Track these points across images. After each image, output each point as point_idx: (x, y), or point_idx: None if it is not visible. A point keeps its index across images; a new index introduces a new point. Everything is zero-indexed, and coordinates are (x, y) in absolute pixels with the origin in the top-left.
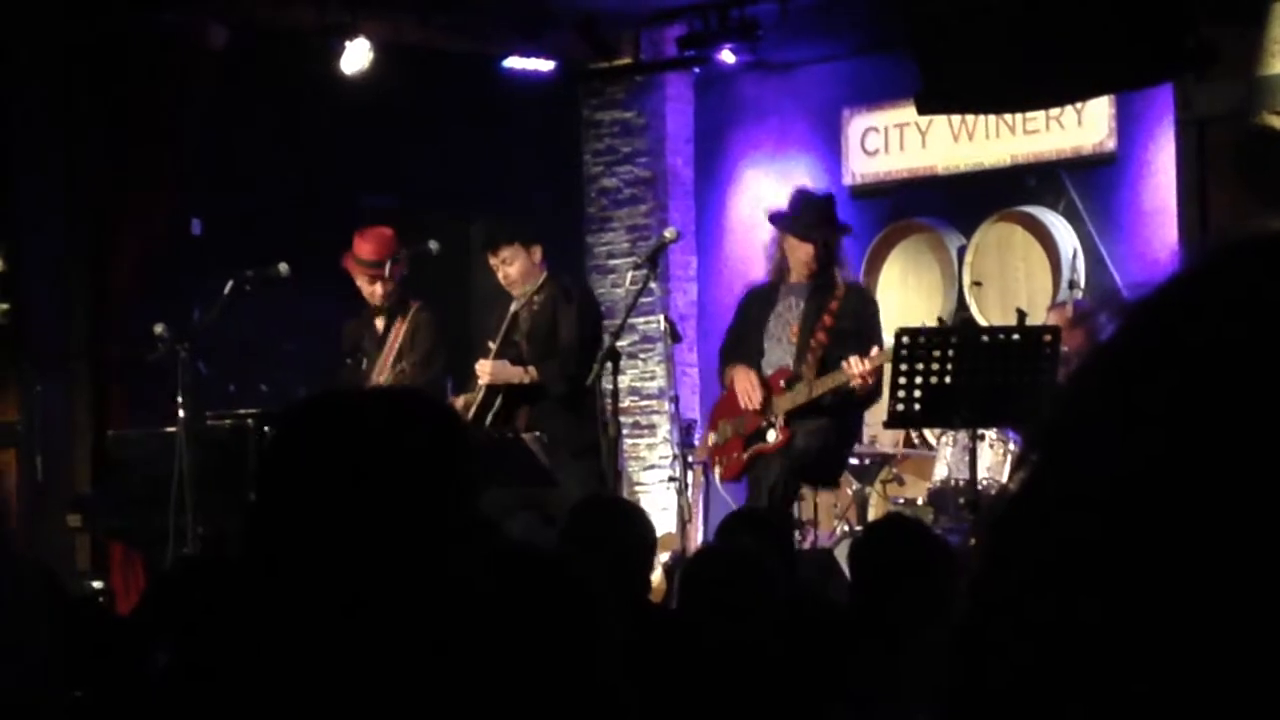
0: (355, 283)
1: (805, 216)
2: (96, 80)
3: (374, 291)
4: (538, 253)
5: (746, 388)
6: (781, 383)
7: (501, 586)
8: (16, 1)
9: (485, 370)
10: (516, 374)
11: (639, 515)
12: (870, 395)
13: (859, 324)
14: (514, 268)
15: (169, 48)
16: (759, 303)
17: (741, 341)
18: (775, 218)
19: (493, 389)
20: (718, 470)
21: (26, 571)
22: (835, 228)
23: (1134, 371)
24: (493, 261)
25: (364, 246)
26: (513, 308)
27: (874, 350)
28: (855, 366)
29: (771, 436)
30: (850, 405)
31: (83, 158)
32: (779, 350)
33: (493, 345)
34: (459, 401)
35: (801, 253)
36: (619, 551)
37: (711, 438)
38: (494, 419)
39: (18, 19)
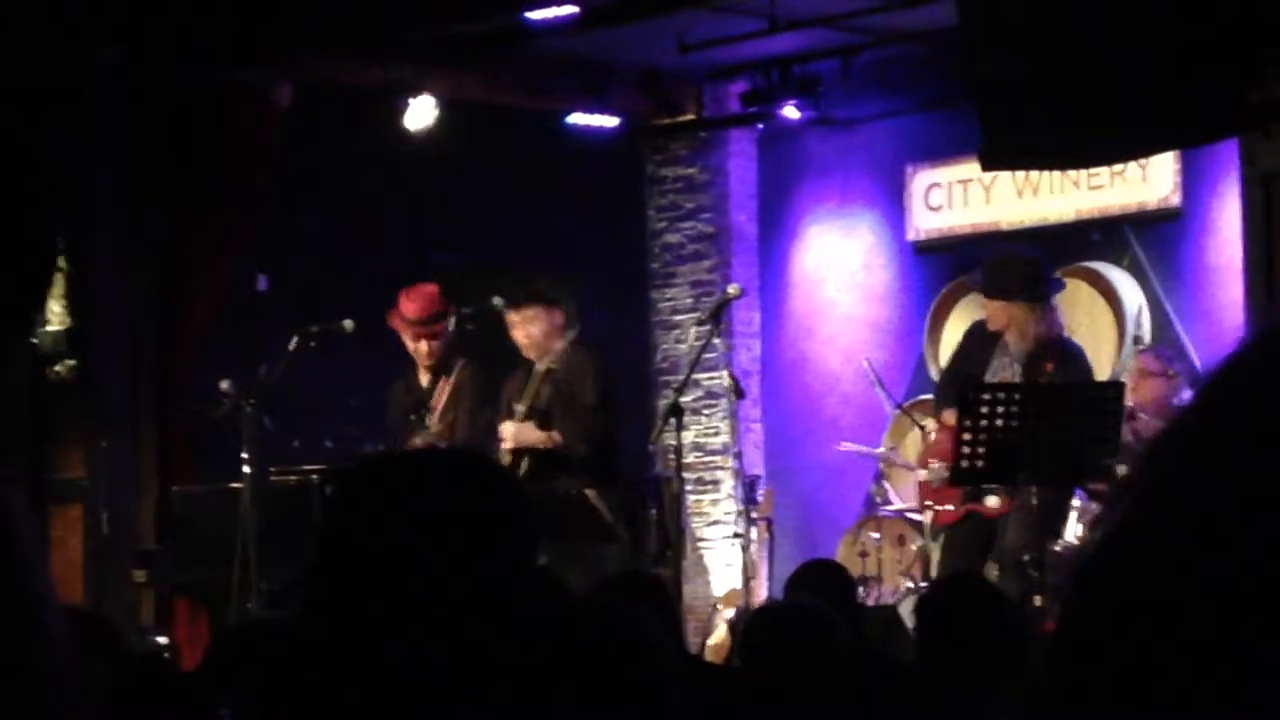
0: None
1: (1006, 278)
2: (165, 138)
3: (420, 349)
4: (559, 315)
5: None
6: None
7: (564, 642)
8: (86, 61)
9: (508, 434)
10: (539, 438)
11: (666, 591)
12: None
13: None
14: (535, 328)
15: (236, 106)
16: (982, 344)
17: (962, 378)
18: (978, 277)
19: (517, 453)
20: (928, 515)
21: (75, 637)
22: (1046, 284)
23: (1234, 449)
24: (512, 318)
25: (410, 305)
26: (536, 369)
27: None
28: None
29: (993, 502)
30: None
31: (150, 214)
32: None
33: (519, 407)
34: None
35: (998, 316)
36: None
37: (923, 474)
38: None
39: (87, 78)
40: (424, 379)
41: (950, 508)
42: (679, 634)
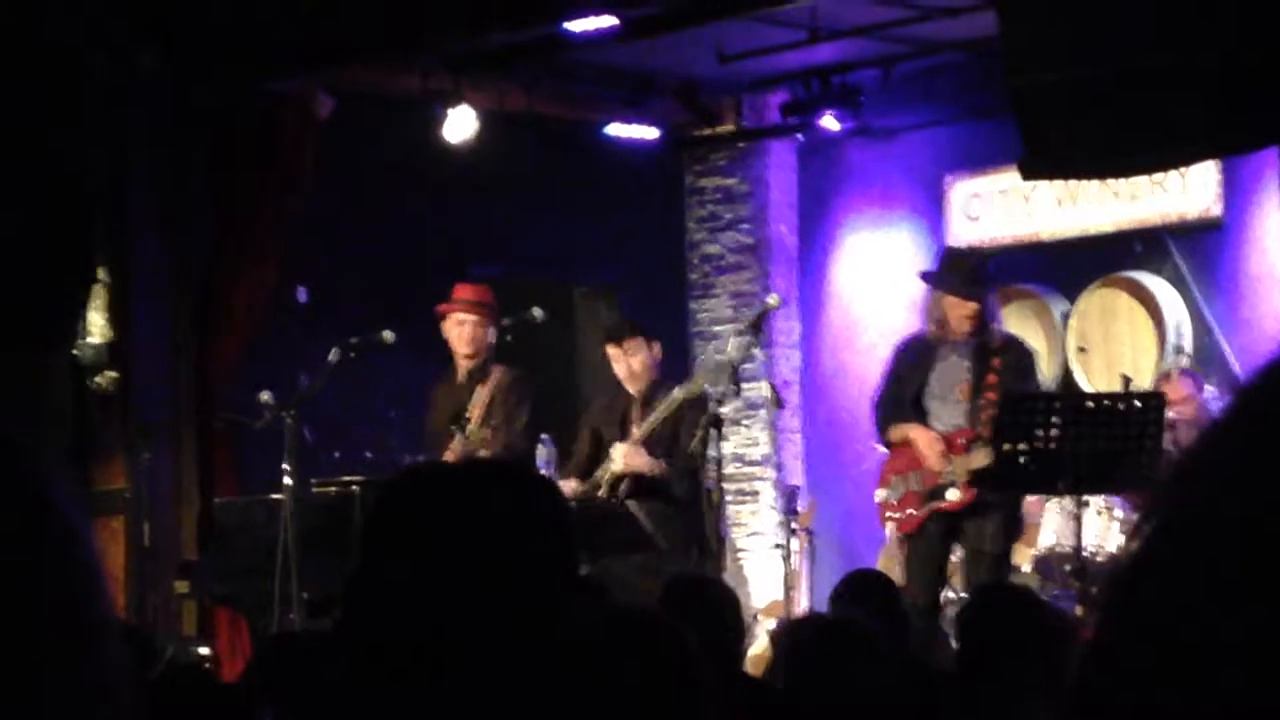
0: (446, 338)
1: (963, 275)
2: (205, 150)
3: (465, 334)
4: (658, 349)
5: (932, 447)
6: (962, 442)
7: (605, 649)
8: (127, 72)
9: (622, 453)
10: (651, 464)
11: (729, 596)
12: None
13: (1021, 380)
14: (636, 360)
15: (277, 117)
16: (916, 361)
17: (900, 399)
18: (931, 277)
19: (618, 479)
20: (890, 526)
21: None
22: (991, 283)
23: (1270, 457)
24: (614, 352)
25: (465, 289)
26: (646, 405)
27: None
28: None
29: (953, 495)
30: None
31: (191, 226)
32: (948, 409)
33: (636, 430)
34: (572, 483)
35: (964, 310)
36: (712, 629)
37: (881, 493)
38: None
39: (128, 90)
40: (461, 374)
41: (911, 512)
42: (733, 642)
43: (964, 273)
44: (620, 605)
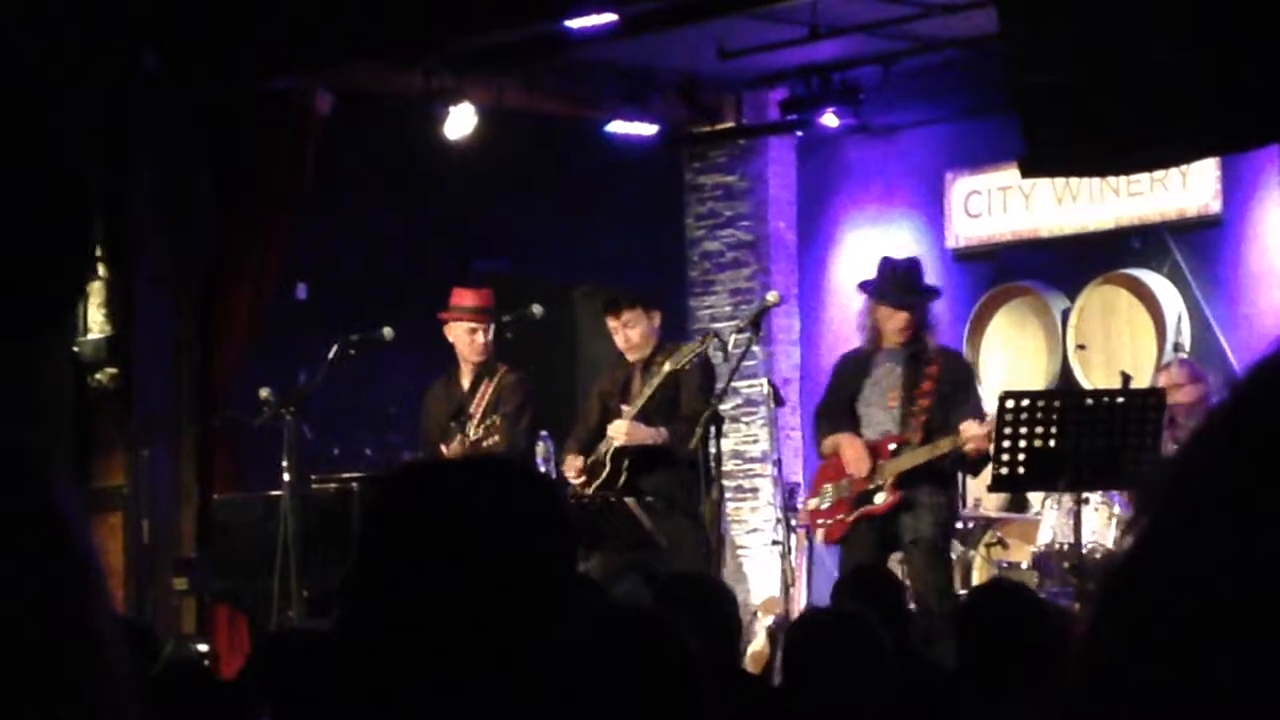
0: (449, 339)
1: (896, 285)
2: (206, 146)
3: (478, 342)
4: (657, 318)
5: (857, 455)
6: (890, 447)
7: (601, 648)
8: (128, 69)
9: (621, 430)
10: (650, 435)
11: (727, 594)
12: (982, 460)
13: (957, 388)
14: (635, 331)
15: (278, 114)
16: (853, 371)
17: (837, 409)
18: (866, 287)
19: (620, 451)
20: (820, 532)
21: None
22: (925, 293)
23: (1266, 452)
24: (613, 324)
25: (466, 296)
26: (646, 373)
27: (988, 416)
28: (971, 430)
29: (880, 499)
30: (963, 469)
31: (192, 222)
32: (880, 416)
33: (627, 408)
34: (578, 462)
35: (896, 320)
36: (709, 628)
37: (813, 502)
38: (620, 480)
39: (130, 86)
40: (465, 380)
41: (841, 518)
42: (732, 640)
43: (897, 282)
44: (619, 605)
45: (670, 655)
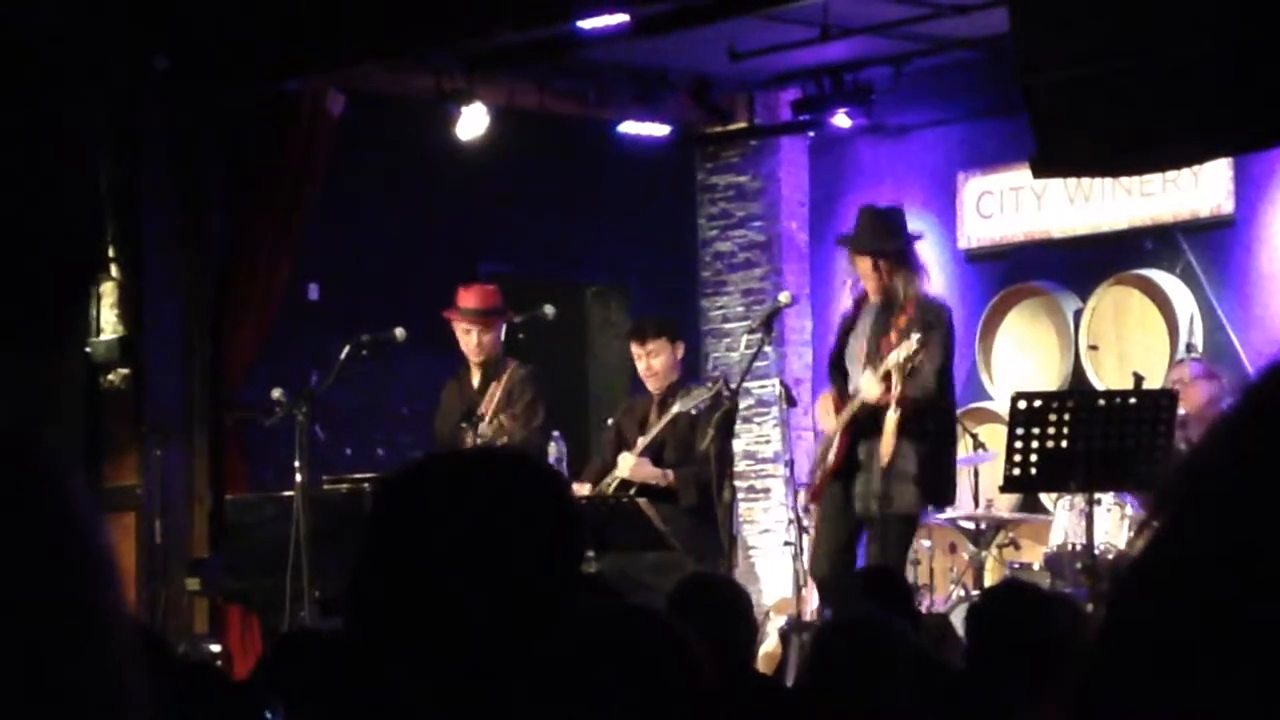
0: (456, 338)
1: (863, 230)
2: (218, 147)
3: (472, 343)
4: (681, 349)
5: (826, 412)
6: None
7: (609, 650)
8: (140, 70)
9: (627, 466)
10: (655, 475)
11: (743, 596)
12: (912, 416)
13: (925, 332)
14: (658, 360)
15: (289, 115)
16: (843, 328)
17: (831, 370)
18: (839, 238)
19: (625, 485)
20: (803, 494)
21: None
22: (895, 238)
23: (1269, 453)
24: (637, 351)
25: (468, 297)
26: (662, 407)
27: (914, 337)
28: (869, 385)
29: (830, 456)
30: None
31: (203, 223)
32: (857, 372)
33: (642, 440)
34: (584, 490)
35: (862, 267)
36: (724, 628)
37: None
38: None
39: (141, 88)
40: (475, 378)
41: (818, 476)
42: (745, 642)
43: (864, 228)
44: (625, 605)
45: (675, 657)
